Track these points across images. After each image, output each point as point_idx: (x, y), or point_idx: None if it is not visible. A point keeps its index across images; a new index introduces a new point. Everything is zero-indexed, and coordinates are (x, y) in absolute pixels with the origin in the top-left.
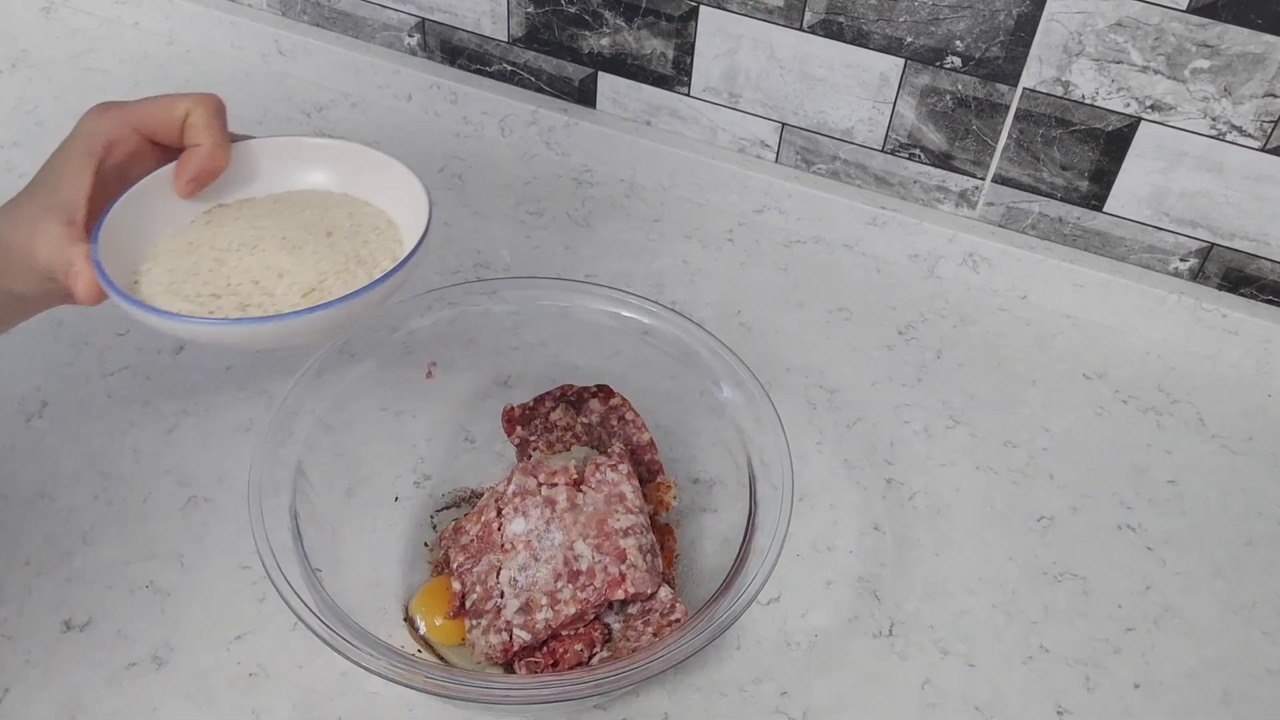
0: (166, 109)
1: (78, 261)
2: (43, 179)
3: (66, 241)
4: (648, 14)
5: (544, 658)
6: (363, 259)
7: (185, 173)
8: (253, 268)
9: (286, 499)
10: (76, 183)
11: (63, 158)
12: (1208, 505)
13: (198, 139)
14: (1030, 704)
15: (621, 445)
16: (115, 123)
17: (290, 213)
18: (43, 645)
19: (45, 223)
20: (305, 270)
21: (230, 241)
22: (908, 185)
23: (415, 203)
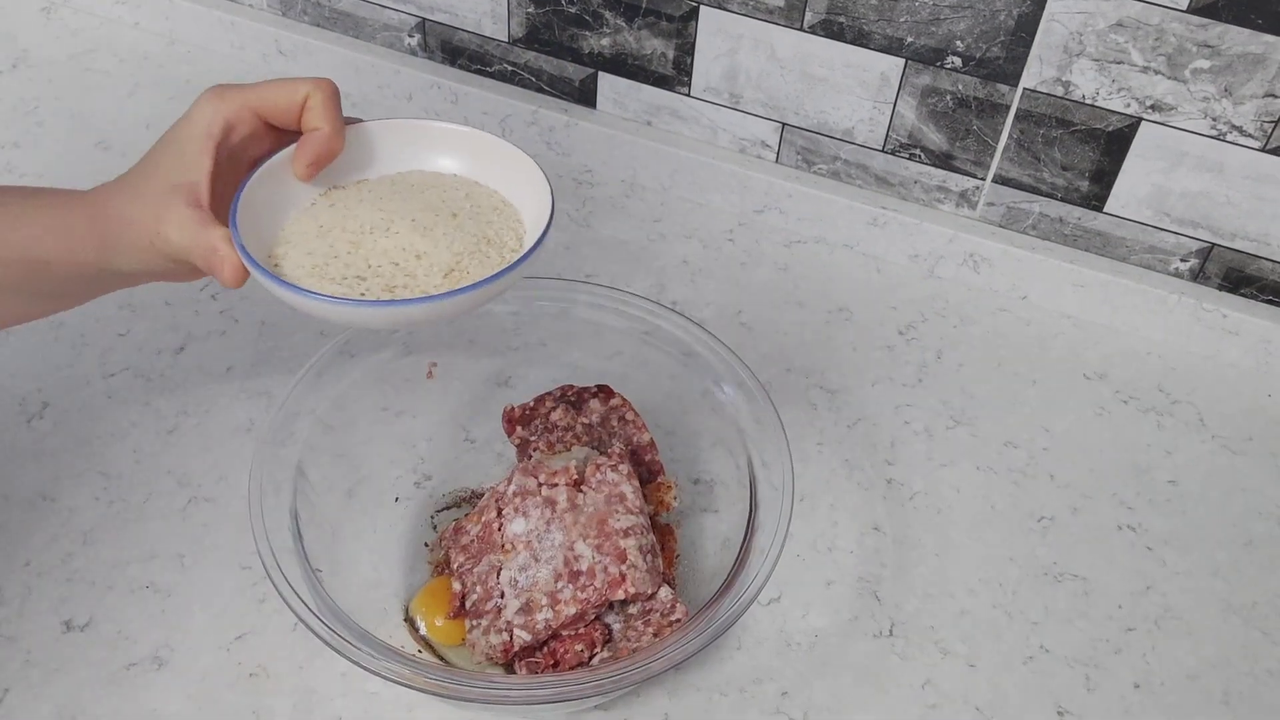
0: (287, 93)
1: (221, 246)
2: (158, 158)
3: (200, 225)
4: (648, 14)
5: (544, 658)
6: (490, 239)
7: (305, 156)
8: (389, 249)
9: (287, 499)
10: (197, 164)
11: (180, 138)
12: (1208, 505)
13: (317, 123)
14: (1030, 704)
15: (622, 445)
16: (235, 105)
17: (411, 194)
18: (43, 645)
19: (171, 205)
20: (441, 251)
21: (361, 224)
22: (908, 185)
23: (530, 182)
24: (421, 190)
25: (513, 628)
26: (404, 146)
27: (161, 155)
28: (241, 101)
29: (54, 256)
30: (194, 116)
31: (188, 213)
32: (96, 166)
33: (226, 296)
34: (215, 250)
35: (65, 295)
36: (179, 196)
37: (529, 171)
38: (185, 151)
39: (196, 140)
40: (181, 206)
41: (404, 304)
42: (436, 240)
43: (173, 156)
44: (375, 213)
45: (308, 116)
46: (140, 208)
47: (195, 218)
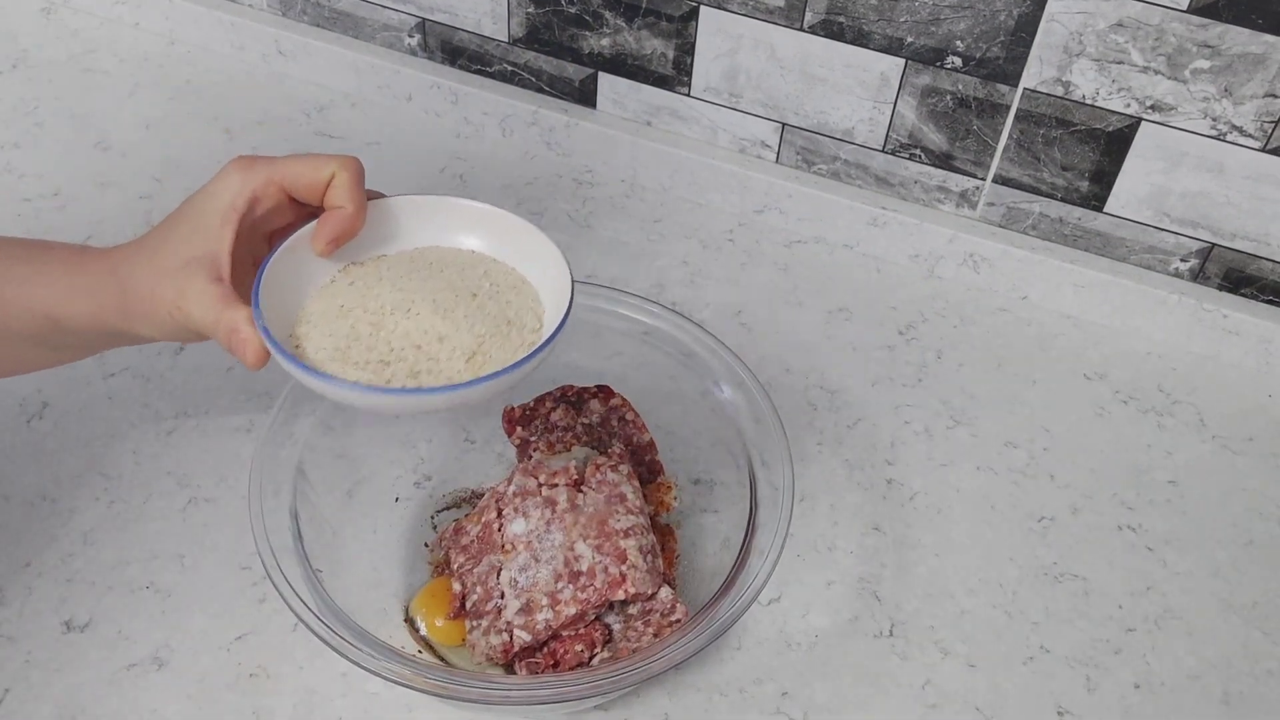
0: (313, 171)
1: (242, 327)
2: (179, 227)
3: (222, 303)
4: (648, 14)
5: (544, 658)
6: (511, 320)
7: (327, 234)
8: (411, 332)
9: (287, 500)
10: (219, 236)
11: (203, 208)
12: (1208, 505)
13: (340, 202)
14: (1030, 704)
15: (622, 446)
16: (261, 179)
17: (430, 273)
18: (43, 646)
19: (191, 278)
20: (462, 334)
21: (382, 304)
22: (908, 185)
23: (548, 260)
24: (441, 268)
25: (513, 628)
26: (423, 222)
27: (183, 224)
28: (267, 176)
29: (77, 317)
30: (219, 188)
31: (209, 289)
32: (96, 167)
33: None
34: (237, 331)
35: (81, 349)
36: (200, 270)
37: (547, 251)
38: (208, 223)
39: (220, 212)
40: (203, 281)
41: (429, 393)
42: (457, 323)
43: (194, 227)
44: (395, 293)
45: (331, 194)
46: (160, 280)
47: (217, 294)
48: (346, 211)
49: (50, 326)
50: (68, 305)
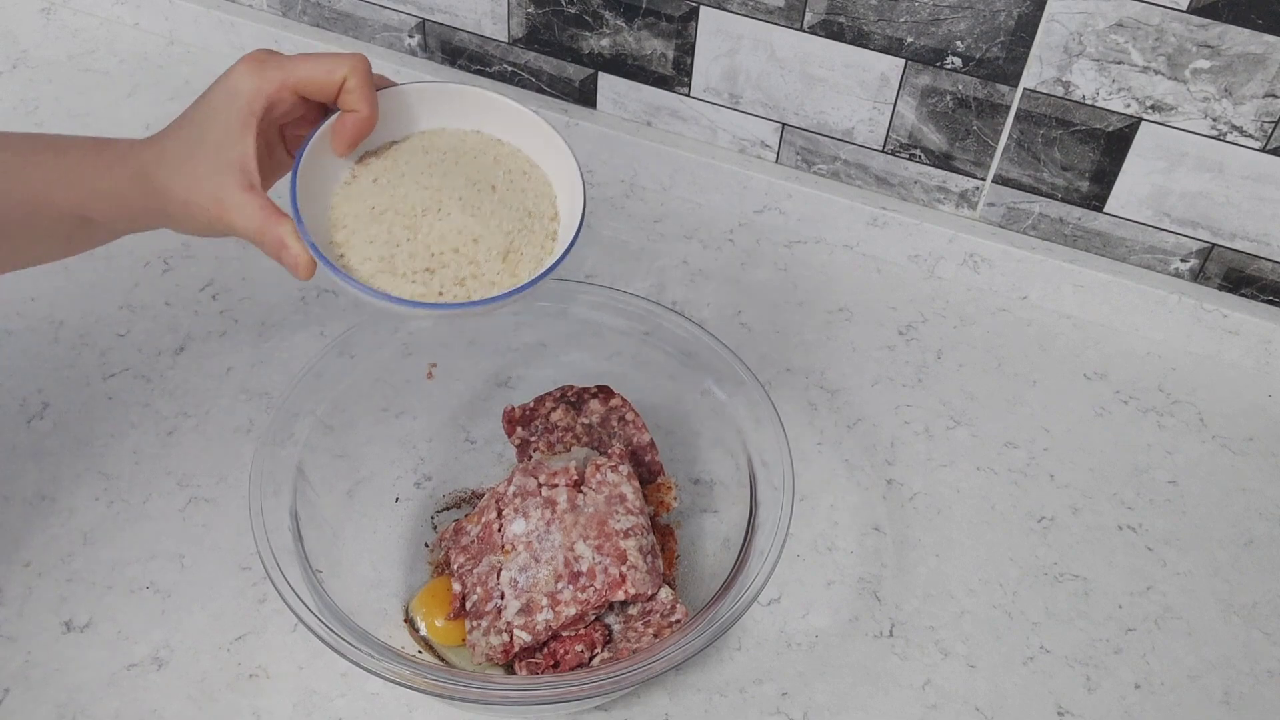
0: (325, 74)
1: (290, 241)
2: (201, 131)
3: (265, 216)
4: (648, 14)
5: (544, 659)
6: (531, 210)
7: (346, 138)
8: (446, 234)
9: (287, 500)
10: (242, 141)
11: (221, 112)
12: (1208, 505)
13: (354, 105)
14: (1030, 704)
15: (622, 446)
16: (275, 84)
17: (448, 166)
18: (43, 646)
19: (226, 187)
20: (493, 233)
21: (412, 205)
22: (908, 186)
23: (546, 142)
24: (456, 158)
25: (513, 628)
26: (430, 106)
27: (203, 128)
28: (281, 80)
29: (104, 217)
30: (235, 89)
31: (248, 200)
32: None
33: (226, 297)
34: (285, 246)
35: (106, 240)
36: (230, 177)
37: (547, 134)
38: (228, 127)
39: (239, 116)
40: (238, 190)
41: (486, 303)
42: (486, 221)
43: (215, 131)
44: (422, 191)
45: (345, 98)
46: (193, 187)
47: (258, 205)
48: (362, 115)
49: (79, 224)
50: (95, 205)
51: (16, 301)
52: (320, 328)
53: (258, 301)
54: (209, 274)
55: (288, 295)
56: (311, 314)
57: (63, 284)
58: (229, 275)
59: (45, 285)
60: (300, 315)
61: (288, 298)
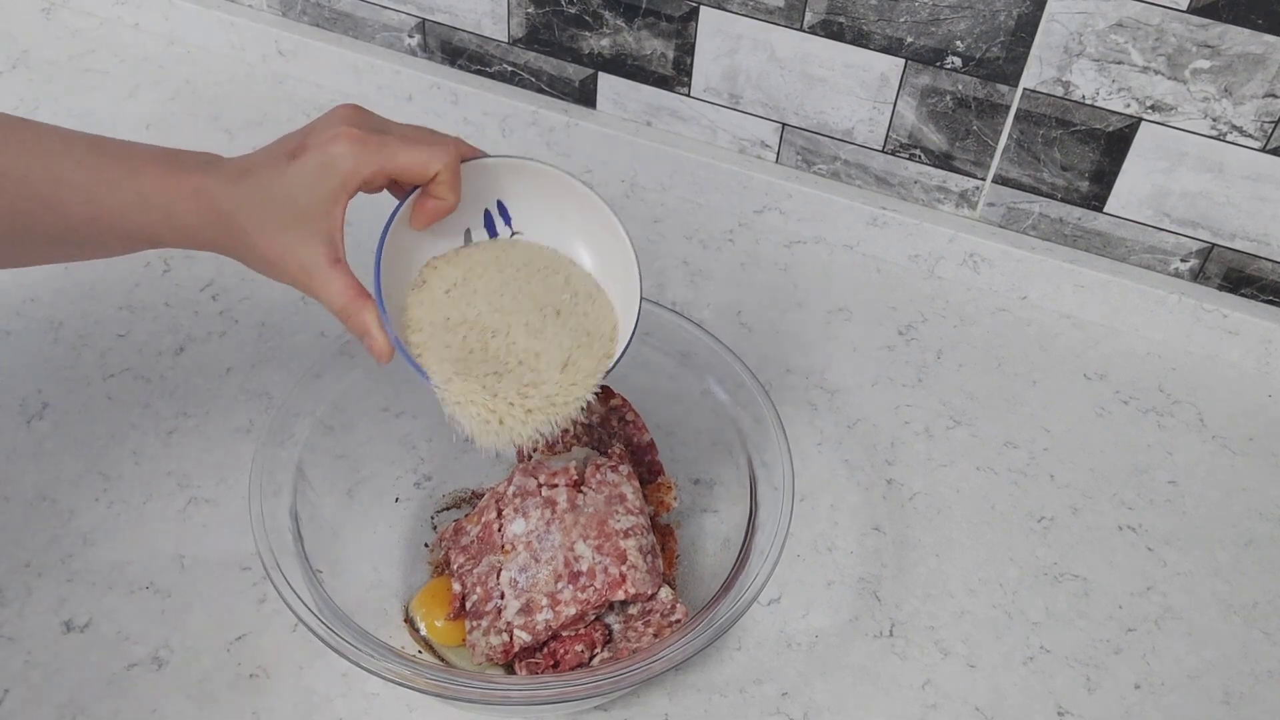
0: (421, 167)
1: (373, 328)
2: (289, 194)
3: (353, 297)
4: (648, 14)
5: (544, 659)
6: (590, 331)
7: (426, 217)
8: (512, 348)
9: (287, 500)
10: (332, 216)
11: (316, 184)
12: (1208, 505)
13: (442, 195)
14: (1030, 704)
15: (622, 446)
16: (372, 168)
17: (519, 286)
18: (43, 646)
19: (314, 257)
20: (553, 349)
21: (484, 325)
22: (908, 186)
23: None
24: (528, 278)
25: (513, 628)
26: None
27: (294, 191)
28: (380, 166)
29: (174, 243)
30: (333, 164)
31: (336, 277)
32: None
33: (226, 297)
34: (368, 331)
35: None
36: (321, 251)
37: (621, 248)
38: (321, 199)
39: (332, 192)
40: (327, 265)
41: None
42: (548, 341)
43: (308, 199)
44: (493, 313)
45: (434, 187)
46: (279, 250)
47: (345, 285)
48: (447, 204)
49: (147, 242)
50: (167, 233)
51: (16, 301)
52: (320, 328)
53: (258, 301)
54: (209, 274)
55: (288, 295)
56: (311, 314)
57: (63, 284)
58: (229, 275)
59: (45, 285)
60: (300, 315)
61: (288, 298)
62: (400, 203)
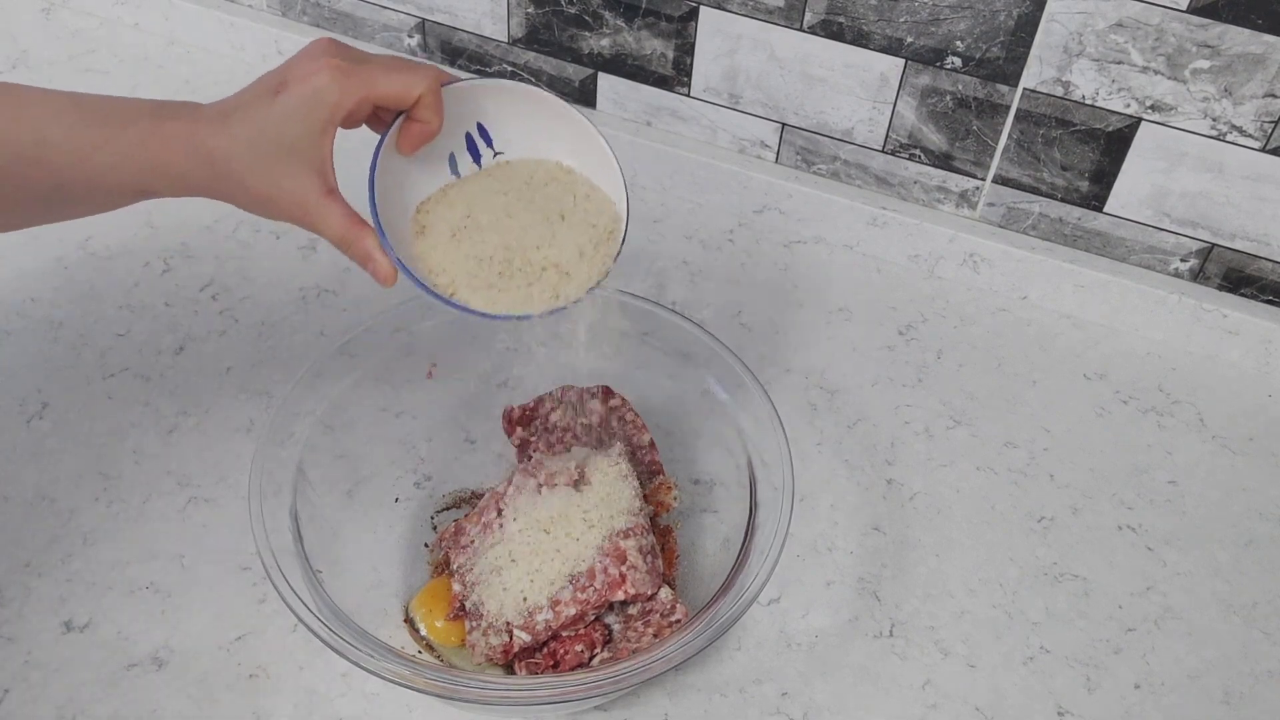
0: (404, 89)
1: (375, 252)
2: (277, 129)
3: (347, 222)
4: (648, 14)
5: (544, 659)
6: (594, 223)
7: (411, 141)
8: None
9: (287, 500)
10: (319, 145)
11: (302, 116)
12: (1208, 505)
13: (426, 118)
14: (1031, 704)
15: (622, 446)
16: (357, 98)
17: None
18: (43, 646)
19: (307, 190)
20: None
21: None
22: (908, 185)
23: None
24: (530, 197)
25: (513, 628)
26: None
27: (281, 127)
28: (364, 94)
29: (166, 192)
30: (317, 95)
31: (332, 207)
32: None
33: (226, 297)
34: (370, 256)
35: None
36: (313, 183)
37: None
38: (309, 131)
39: (319, 123)
40: (321, 196)
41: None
42: (563, 243)
43: (295, 132)
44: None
45: (417, 110)
46: (272, 187)
47: (342, 215)
48: (431, 126)
49: (138, 194)
50: (158, 183)
51: (16, 301)
52: (320, 328)
53: (258, 301)
54: (209, 274)
55: (288, 295)
56: (311, 314)
57: (63, 284)
58: (229, 275)
59: (45, 285)
60: (300, 315)
61: (288, 298)
62: (386, 130)
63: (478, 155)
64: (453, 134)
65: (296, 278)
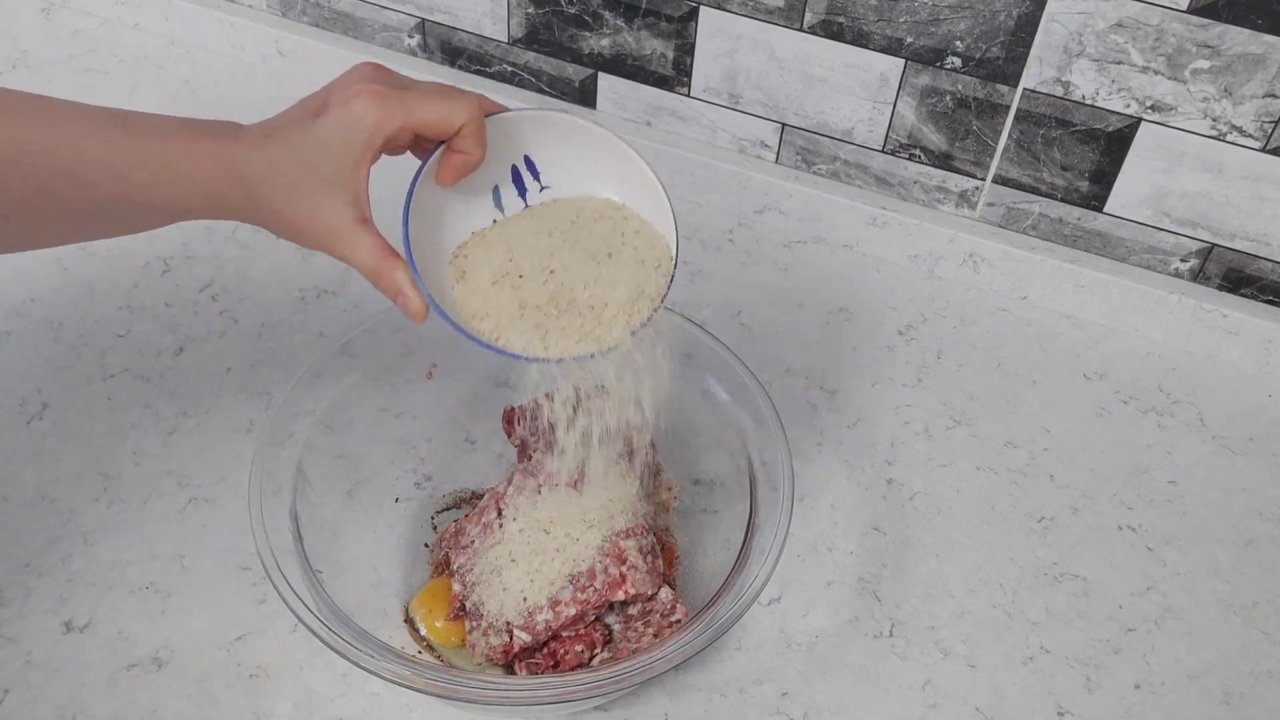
0: (445, 119)
1: (405, 287)
2: (312, 155)
3: (378, 254)
4: (648, 14)
5: (544, 659)
6: (644, 260)
7: (452, 173)
8: (579, 303)
9: (287, 500)
10: (357, 175)
11: (339, 142)
12: (1208, 505)
13: (468, 149)
14: (1030, 704)
15: (622, 446)
16: (396, 125)
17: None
18: (43, 646)
19: (340, 219)
20: (616, 288)
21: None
22: (908, 186)
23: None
24: (575, 236)
25: (513, 628)
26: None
27: (317, 153)
28: (403, 122)
29: (199, 214)
30: (356, 121)
31: (364, 237)
32: None
33: (226, 297)
34: (400, 289)
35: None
36: (347, 212)
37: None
38: (345, 158)
39: (356, 150)
40: (353, 226)
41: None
42: (607, 284)
43: (331, 160)
44: (548, 281)
45: (458, 141)
46: (305, 214)
47: (374, 246)
48: (474, 158)
49: (173, 215)
50: (192, 204)
51: (16, 301)
52: (320, 328)
53: (258, 301)
54: (209, 274)
55: (288, 295)
56: (311, 314)
57: (62, 284)
58: (229, 275)
59: (45, 285)
60: (300, 315)
61: (288, 298)
62: (425, 159)
63: (524, 189)
64: (498, 166)
65: (296, 278)
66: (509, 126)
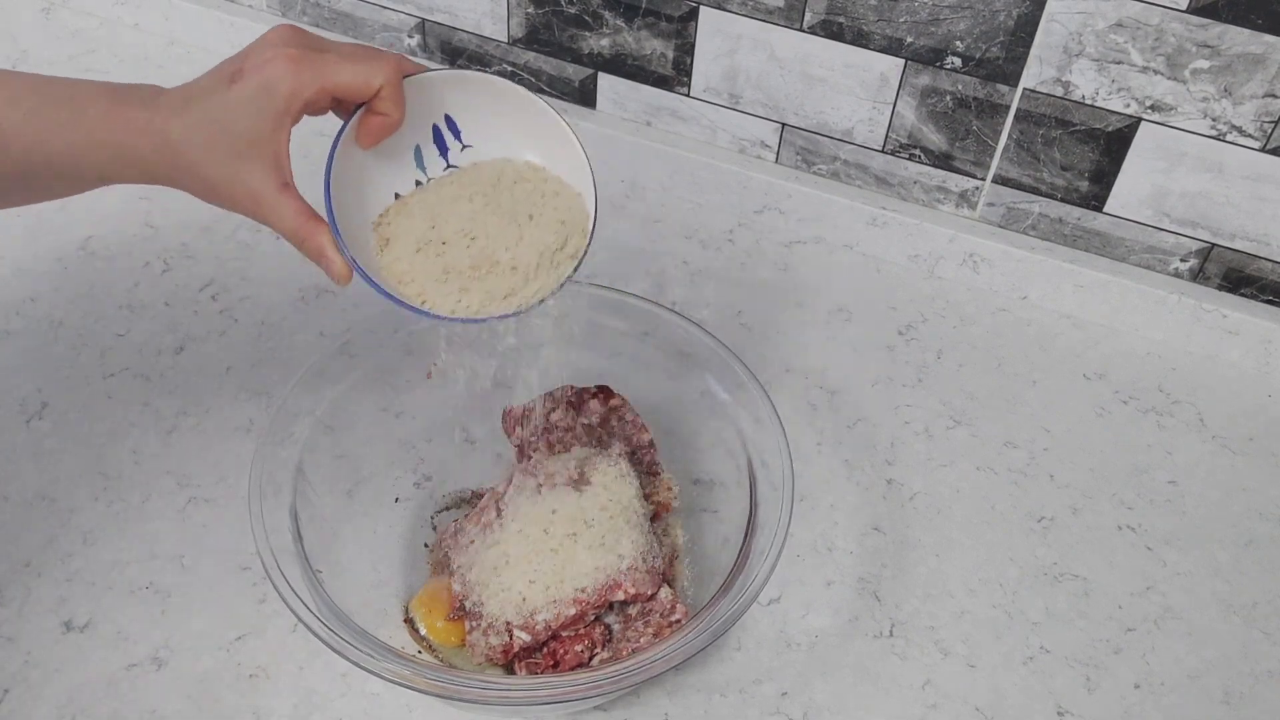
0: (362, 81)
1: (328, 250)
2: (231, 117)
3: (301, 218)
4: (648, 14)
5: (544, 659)
6: (564, 220)
7: (371, 134)
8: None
9: (287, 500)
10: (276, 139)
11: (255, 106)
12: (1208, 505)
13: (386, 110)
14: (1030, 704)
15: (622, 446)
16: (313, 89)
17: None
18: (43, 646)
19: (262, 182)
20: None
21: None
22: (908, 186)
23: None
24: (496, 199)
25: (513, 628)
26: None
27: (235, 115)
28: (320, 85)
29: (124, 179)
30: (271, 86)
31: (286, 201)
32: None
33: (226, 297)
34: (324, 253)
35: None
36: (268, 176)
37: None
38: (262, 121)
39: (274, 114)
40: (275, 190)
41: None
42: (529, 245)
43: (249, 122)
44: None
45: (377, 102)
46: (227, 176)
47: (296, 210)
48: (392, 119)
49: (99, 181)
50: (118, 170)
51: (16, 301)
52: (320, 328)
53: (258, 301)
54: (209, 274)
55: (288, 295)
56: (311, 314)
57: (62, 284)
58: (229, 275)
59: (45, 285)
60: (300, 315)
61: (288, 298)
62: (344, 122)
63: (445, 149)
64: (418, 127)
65: (296, 278)
66: (429, 87)
